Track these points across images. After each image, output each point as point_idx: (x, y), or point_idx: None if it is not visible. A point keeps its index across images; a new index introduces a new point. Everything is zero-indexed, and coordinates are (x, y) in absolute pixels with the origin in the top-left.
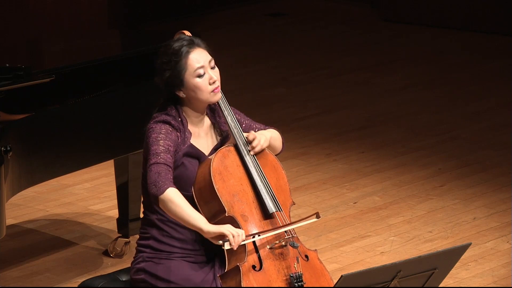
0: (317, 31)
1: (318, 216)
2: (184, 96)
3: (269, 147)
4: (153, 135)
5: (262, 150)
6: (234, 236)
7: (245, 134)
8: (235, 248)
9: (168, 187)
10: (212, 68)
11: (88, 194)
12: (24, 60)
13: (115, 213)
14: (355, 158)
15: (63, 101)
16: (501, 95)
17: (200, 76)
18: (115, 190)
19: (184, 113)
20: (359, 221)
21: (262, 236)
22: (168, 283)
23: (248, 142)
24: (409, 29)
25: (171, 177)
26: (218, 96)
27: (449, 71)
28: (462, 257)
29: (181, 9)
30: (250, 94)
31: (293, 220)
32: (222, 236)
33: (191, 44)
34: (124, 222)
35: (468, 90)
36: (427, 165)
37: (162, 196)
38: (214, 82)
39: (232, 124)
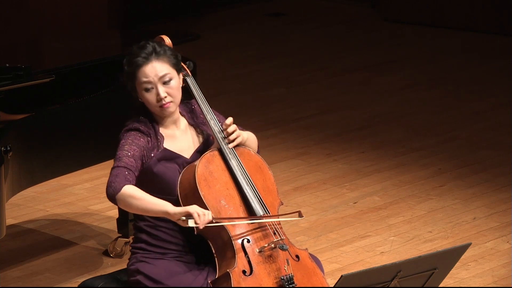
0: (317, 31)
1: (301, 215)
2: (142, 102)
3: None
4: (121, 142)
5: (239, 146)
6: (200, 214)
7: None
8: (201, 227)
9: (124, 185)
10: (165, 83)
11: (88, 194)
12: (24, 60)
13: (115, 213)
14: (355, 158)
15: (63, 101)
16: (501, 95)
17: (147, 90)
18: None
19: (153, 117)
20: (359, 221)
21: (235, 222)
22: (161, 284)
23: (223, 130)
24: (409, 29)
25: (131, 179)
26: (169, 111)
27: (449, 71)
28: (462, 257)
29: (181, 9)
30: (250, 94)
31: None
32: (190, 216)
33: (149, 56)
34: (124, 222)
35: (468, 90)
36: (427, 165)
37: (119, 195)
38: (161, 99)
39: (216, 129)
